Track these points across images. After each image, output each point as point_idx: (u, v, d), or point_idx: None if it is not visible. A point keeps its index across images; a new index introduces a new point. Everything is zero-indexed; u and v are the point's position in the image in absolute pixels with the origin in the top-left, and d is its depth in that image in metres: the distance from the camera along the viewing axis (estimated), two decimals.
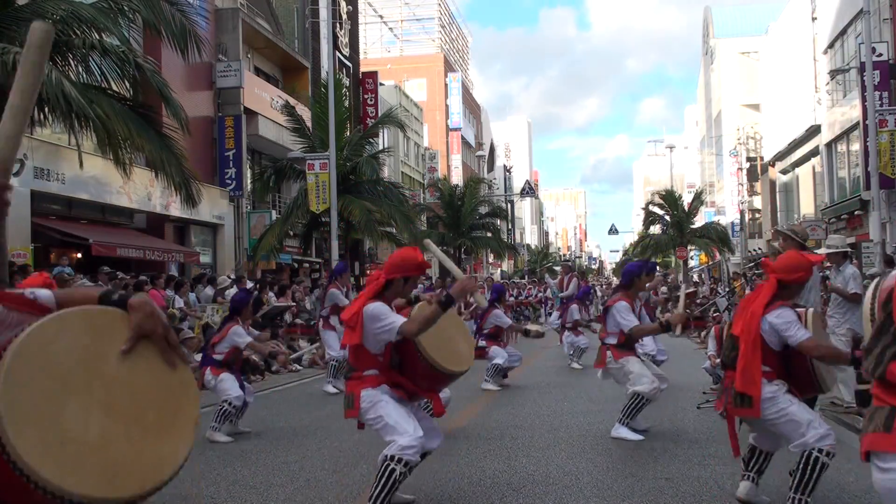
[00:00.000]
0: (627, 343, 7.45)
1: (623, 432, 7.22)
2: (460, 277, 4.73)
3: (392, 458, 4.41)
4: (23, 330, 1.89)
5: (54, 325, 1.93)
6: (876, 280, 4.45)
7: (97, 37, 11.09)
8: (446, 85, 55.01)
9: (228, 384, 7.82)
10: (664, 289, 19.86)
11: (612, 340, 7.48)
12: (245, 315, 8.14)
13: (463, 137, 56.03)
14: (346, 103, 27.63)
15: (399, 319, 4.50)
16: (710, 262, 47.25)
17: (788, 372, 4.74)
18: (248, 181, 24.69)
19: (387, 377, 4.67)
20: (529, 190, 55.90)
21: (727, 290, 15.84)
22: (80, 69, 11.35)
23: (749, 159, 52.11)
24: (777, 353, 4.68)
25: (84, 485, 1.83)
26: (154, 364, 2.04)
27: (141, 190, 17.75)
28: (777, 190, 42.60)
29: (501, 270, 55.88)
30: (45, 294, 2.10)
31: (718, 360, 8.15)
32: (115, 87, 11.76)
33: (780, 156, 40.28)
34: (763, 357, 4.62)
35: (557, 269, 20.02)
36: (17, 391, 1.82)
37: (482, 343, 11.27)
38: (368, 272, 24.96)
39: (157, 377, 2.04)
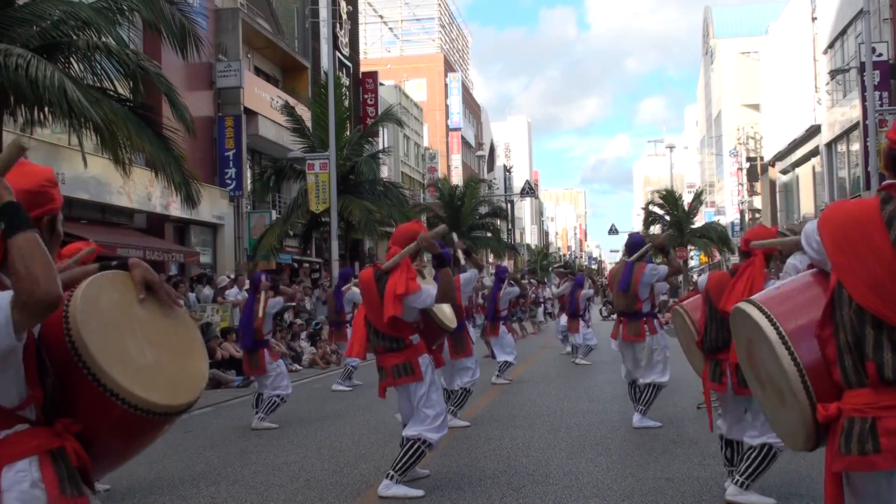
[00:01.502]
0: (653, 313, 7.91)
1: (647, 422, 7.63)
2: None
3: (424, 441, 5.24)
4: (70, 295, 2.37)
5: (93, 288, 2.43)
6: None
7: (98, 38, 11.08)
8: (446, 85, 55.01)
9: (284, 380, 8.55)
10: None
11: (648, 308, 7.84)
12: (263, 286, 8.69)
13: (463, 137, 56.04)
14: (346, 103, 27.63)
15: (433, 288, 5.20)
16: (710, 262, 47.27)
17: None
18: (248, 181, 24.67)
19: (423, 343, 5.43)
20: (529, 190, 55.92)
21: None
22: (81, 69, 11.35)
23: (749, 159, 52.14)
24: None
25: (163, 398, 2.38)
26: (162, 308, 2.58)
27: (141, 190, 17.74)
28: (777, 190, 42.61)
29: None
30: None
31: None
32: (115, 88, 11.75)
33: (780, 156, 40.29)
34: None
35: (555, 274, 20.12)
36: (96, 339, 2.32)
37: (502, 327, 11.89)
38: None
39: (169, 317, 2.58)
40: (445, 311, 5.76)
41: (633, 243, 8.17)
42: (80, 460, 2.29)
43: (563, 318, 16.98)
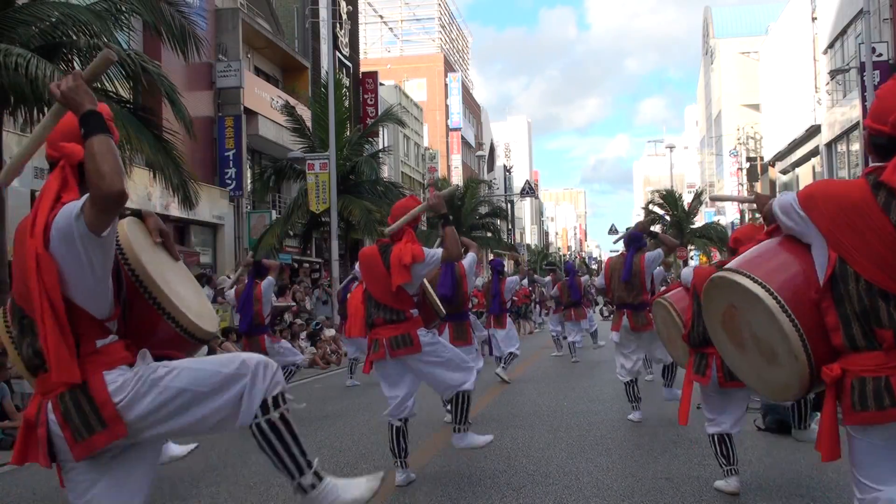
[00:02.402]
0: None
1: (676, 392, 7.70)
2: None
3: (468, 392, 5.61)
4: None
5: (133, 226, 2.77)
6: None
7: (99, 39, 11.07)
8: (446, 85, 54.99)
9: (292, 353, 9.23)
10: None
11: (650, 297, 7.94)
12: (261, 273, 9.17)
13: (463, 137, 56.01)
14: (346, 103, 27.61)
15: (438, 251, 5.46)
16: (710, 263, 47.17)
17: None
18: (248, 181, 24.66)
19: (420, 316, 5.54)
20: (529, 190, 55.90)
21: None
22: (82, 69, 11.34)
23: (749, 159, 52.13)
24: None
25: (207, 325, 2.84)
26: (169, 254, 2.92)
27: (141, 190, 17.73)
28: (777, 190, 42.58)
29: None
30: None
31: None
32: (116, 90, 11.74)
33: (780, 156, 40.29)
34: None
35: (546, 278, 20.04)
36: (152, 270, 2.67)
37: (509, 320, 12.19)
38: None
39: (175, 262, 2.96)
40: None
41: (634, 237, 8.21)
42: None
43: (556, 320, 16.93)
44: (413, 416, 5.64)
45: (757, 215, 44.47)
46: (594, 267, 55.17)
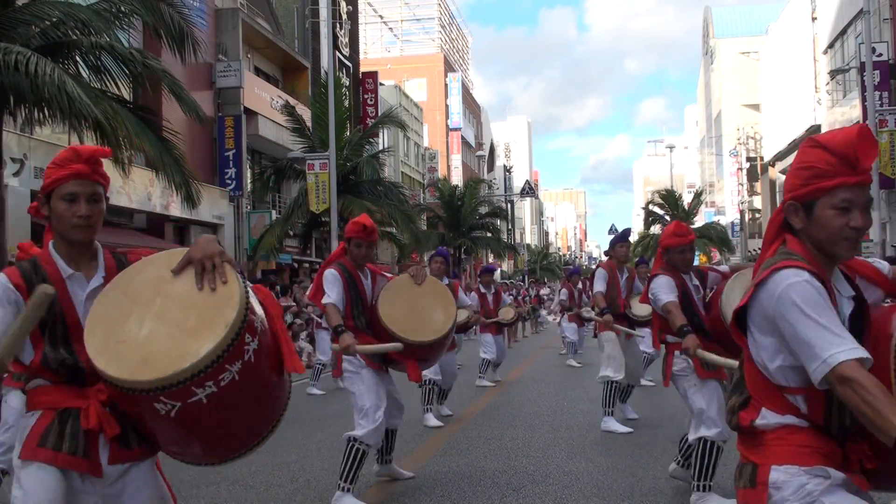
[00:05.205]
0: (616, 315, 7.58)
1: (611, 424, 7.51)
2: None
3: (356, 439, 5.01)
4: None
5: (144, 263, 2.59)
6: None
7: (100, 38, 11.07)
8: (446, 85, 54.99)
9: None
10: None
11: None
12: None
13: (463, 137, 56.01)
14: (346, 103, 27.61)
15: (331, 293, 5.04)
16: (710, 263, 47.13)
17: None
18: (248, 181, 24.66)
19: (359, 338, 5.03)
20: (529, 190, 55.87)
21: None
22: (84, 69, 11.34)
23: (749, 159, 52.15)
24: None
25: (121, 371, 2.36)
26: (202, 284, 2.50)
27: (141, 190, 17.73)
28: (777, 190, 42.57)
29: (502, 270, 55.89)
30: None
31: None
32: (116, 89, 11.74)
33: (780, 156, 40.29)
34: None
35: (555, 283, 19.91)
36: (104, 306, 2.47)
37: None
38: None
39: (207, 293, 2.47)
40: (407, 319, 5.16)
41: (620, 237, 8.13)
42: (102, 425, 2.50)
43: (573, 329, 16.41)
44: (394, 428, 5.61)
45: (757, 215, 44.01)
46: (594, 267, 54.91)
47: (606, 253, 7.85)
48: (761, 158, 48.70)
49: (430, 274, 6.42)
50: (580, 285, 15.14)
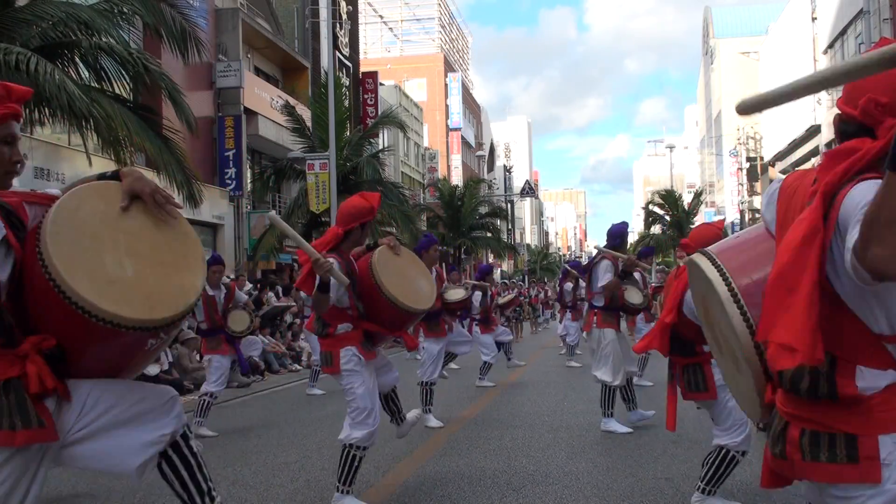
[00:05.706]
0: (612, 308, 7.57)
1: (611, 425, 7.51)
2: (312, 254, 4.53)
3: (352, 446, 4.93)
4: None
5: (74, 198, 2.41)
6: None
7: (100, 39, 11.07)
8: (446, 85, 55.00)
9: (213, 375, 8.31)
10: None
11: (599, 303, 7.68)
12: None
13: (463, 137, 56.02)
14: (346, 103, 27.61)
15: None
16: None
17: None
18: (248, 181, 24.66)
19: (359, 329, 4.94)
20: (529, 190, 55.91)
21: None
22: (83, 69, 11.34)
23: (749, 159, 52.18)
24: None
25: (135, 312, 2.30)
26: (155, 219, 2.49)
27: None
28: None
29: (502, 270, 55.91)
30: (55, 190, 2.60)
31: None
32: (116, 89, 11.74)
33: (780, 156, 40.31)
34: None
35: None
36: (65, 249, 2.27)
37: (476, 329, 11.79)
38: None
39: (163, 229, 2.49)
40: (404, 287, 4.99)
41: (612, 234, 7.88)
42: (45, 385, 2.26)
43: (576, 328, 16.29)
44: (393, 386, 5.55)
45: (757, 215, 44.27)
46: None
47: (607, 247, 7.78)
48: (761, 158, 48.74)
49: (426, 261, 6.78)
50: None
